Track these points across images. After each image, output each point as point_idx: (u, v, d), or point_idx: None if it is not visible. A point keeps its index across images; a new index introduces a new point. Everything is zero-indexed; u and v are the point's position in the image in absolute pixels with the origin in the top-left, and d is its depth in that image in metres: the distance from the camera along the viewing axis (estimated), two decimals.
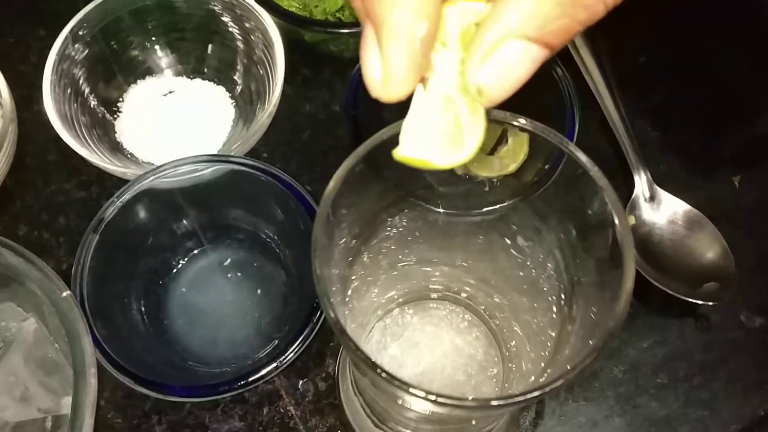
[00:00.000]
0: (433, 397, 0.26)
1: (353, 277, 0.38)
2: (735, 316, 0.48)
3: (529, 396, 0.25)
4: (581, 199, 0.30)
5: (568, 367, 0.25)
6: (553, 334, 0.33)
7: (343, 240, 0.35)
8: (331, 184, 0.29)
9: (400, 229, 0.38)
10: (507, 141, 0.50)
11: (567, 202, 0.32)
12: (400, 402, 0.35)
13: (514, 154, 0.50)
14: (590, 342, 0.27)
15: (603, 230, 0.28)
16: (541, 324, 0.35)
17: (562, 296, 0.32)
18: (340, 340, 0.27)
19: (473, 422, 0.35)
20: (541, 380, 0.34)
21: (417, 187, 0.51)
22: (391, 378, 0.25)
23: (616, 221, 0.27)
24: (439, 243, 0.40)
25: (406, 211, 0.38)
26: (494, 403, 0.26)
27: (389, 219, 0.37)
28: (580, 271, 0.31)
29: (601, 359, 0.46)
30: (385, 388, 0.31)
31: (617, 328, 0.25)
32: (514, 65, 0.24)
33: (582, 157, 0.29)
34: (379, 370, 0.25)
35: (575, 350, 0.29)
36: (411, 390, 0.26)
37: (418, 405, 0.33)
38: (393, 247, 0.39)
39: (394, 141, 0.30)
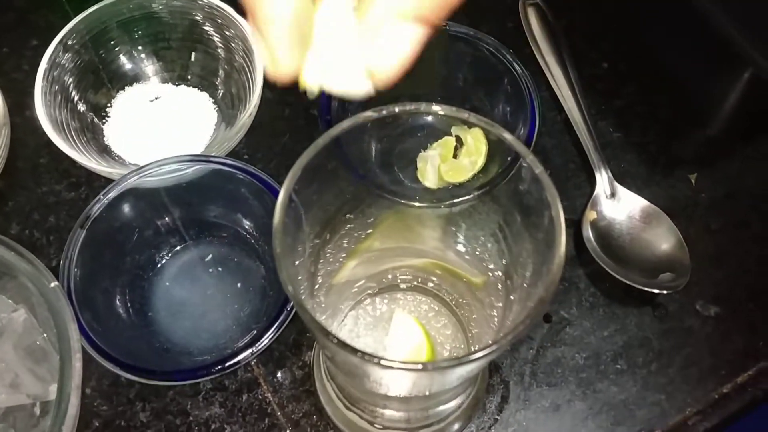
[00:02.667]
0: (386, 363, 0.28)
1: (320, 269, 0.40)
2: (691, 305, 0.50)
3: (472, 357, 0.28)
4: (524, 187, 0.33)
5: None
6: (500, 305, 0.35)
7: (308, 232, 0.37)
8: (292, 170, 0.32)
9: (366, 221, 0.41)
10: (465, 141, 0.53)
11: (512, 191, 0.34)
12: (367, 384, 0.37)
13: (476, 149, 0.53)
14: (528, 305, 0.29)
15: (541, 212, 0.30)
16: (491, 300, 0.37)
17: (506, 273, 0.35)
18: (300, 314, 0.29)
19: (427, 393, 0.37)
20: None
21: (380, 178, 0.54)
22: (344, 345, 0.28)
23: (551, 202, 0.29)
24: (404, 234, 0.43)
25: (369, 203, 0.40)
26: (443, 364, 0.28)
27: (354, 211, 0.40)
28: (522, 249, 0.33)
29: (564, 346, 0.49)
30: (343, 360, 0.33)
31: (549, 294, 0.28)
32: (398, 45, 0.26)
33: (519, 147, 0.31)
34: (331, 337, 0.28)
35: (516, 315, 0.32)
36: (365, 357, 0.28)
37: (383, 382, 0.35)
38: (358, 239, 0.41)
39: (354, 131, 0.33)
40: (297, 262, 0.35)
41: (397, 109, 0.34)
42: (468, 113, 0.33)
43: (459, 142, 0.54)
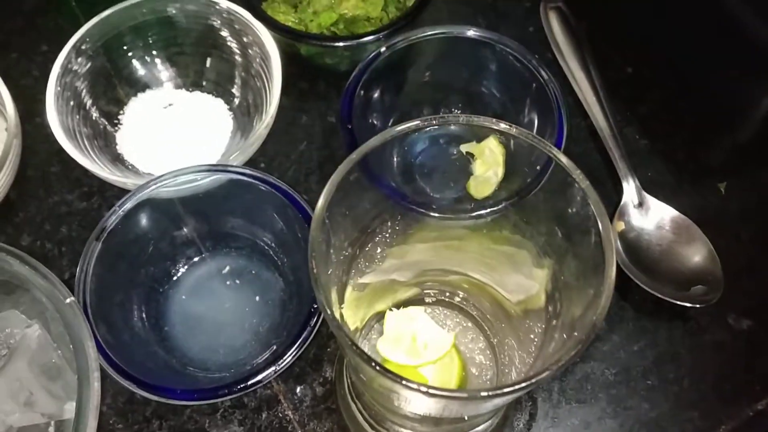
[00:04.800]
0: (425, 389, 0.27)
1: (350, 281, 0.39)
2: (723, 319, 0.49)
3: (516, 387, 0.26)
4: (566, 202, 0.31)
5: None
6: (540, 331, 0.34)
7: (339, 244, 0.36)
8: (327, 187, 0.30)
9: (395, 235, 0.39)
10: (482, 153, 0.51)
11: (553, 205, 0.33)
12: (396, 402, 0.36)
13: (494, 160, 0.52)
14: (574, 334, 0.28)
15: (586, 231, 0.29)
16: (528, 323, 0.36)
17: (549, 295, 0.33)
18: (336, 337, 0.28)
19: (465, 417, 0.35)
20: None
21: (410, 192, 0.52)
22: (385, 371, 0.26)
23: (598, 221, 0.28)
24: (433, 247, 0.42)
25: (399, 216, 0.39)
26: (483, 394, 0.27)
27: (384, 224, 0.38)
28: (566, 270, 0.32)
29: (593, 362, 0.48)
30: (381, 384, 0.32)
31: (600, 321, 0.26)
32: None
33: (564, 159, 0.30)
34: (373, 364, 0.26)
35: (560, 344, 0.30)
36: (404, 383, 0.27)
37: (414, 402, 0.34)
38: (387, 252, 0.40)
39: (385, 146, 0.32)
40: (329, 272, 0.34)
41: (434, 121, 0.33)
42: (509, 125, 0.31)
43: (471, 156, 0.53)
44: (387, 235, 0.39)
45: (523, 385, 0.26)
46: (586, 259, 0.29)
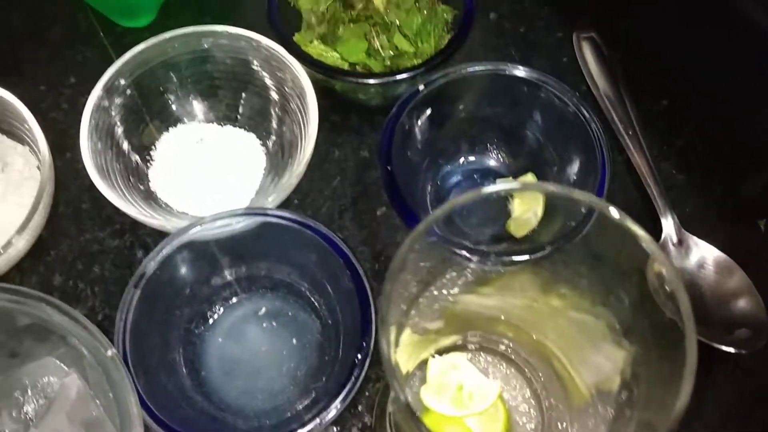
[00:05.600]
0: None
1: (408, 323, 0.39)
2: (766, 361, 0.48)
3: None
4: (633, 267, 0.31)
5: None
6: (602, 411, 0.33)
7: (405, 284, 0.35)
8: (397, 260, 0.29)
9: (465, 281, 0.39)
10: (521, 193, 0.51)
11: (616, 269, 0.32)
12: None
13: (534, 198, 0.51)
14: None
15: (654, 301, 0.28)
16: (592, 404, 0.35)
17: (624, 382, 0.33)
18: (391, 387, 0.27)
19: None
20: None
21: (446, 232, 0.51)
22: None
23: (677, 296, 0.27)
24: (502, 300, 0.41)
25: (453, 267, 0.38)
26: None
27: (441, 275, 0.38)
28: (641, 354, 0.31)
29: None
30: None
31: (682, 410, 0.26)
32: None
33: (637, 229, 0.29)
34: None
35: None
36: None
37: None
38: (456, 298, 0.39)
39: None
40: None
41: (492, 190, 0.32)
42: (561, 187, 0.31)
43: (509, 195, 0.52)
44: (452, 280, 0.39)
45: None
46: (661, 341, 0.28)
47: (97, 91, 0.48)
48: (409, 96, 0.48)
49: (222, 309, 0.49)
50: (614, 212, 0.29)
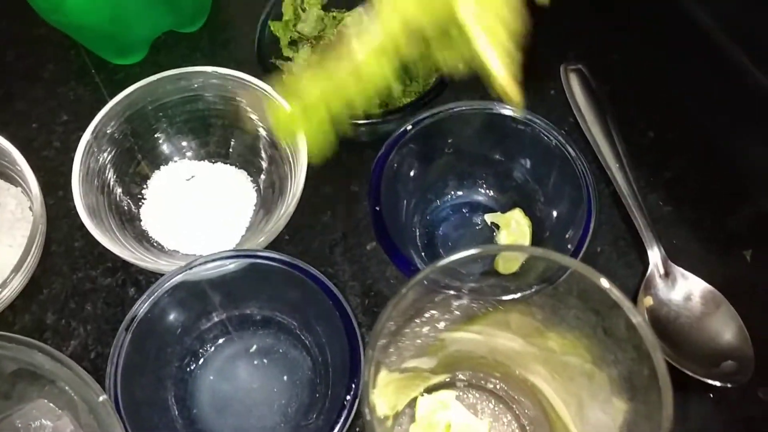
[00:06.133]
0: None
1: (384, 363, 0.39)
2: (753, 393, 0.48)
3: None
4: (609, 323, 0.31)
5: None
6: None
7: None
8: (378, 328, 0.30)
9: (450, 318, 0.39)
10: (507, 225, 0.51)
11: (598, 322, 0.33)
12: None
13: (521, 232, 0.51)
14: None
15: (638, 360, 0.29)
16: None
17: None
18: None
19: None
20: None
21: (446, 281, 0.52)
22: None
23: (653, 356, 0.28)
24: (489, 338, 0.42)
25: (439, 304, 0.39)
26: None
27: (425, 311, 0.38)
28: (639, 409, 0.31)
29: None
30: None
31: None
32: None
33: (616, 295, 0.30)
34: None
35: None
36: None
37: None
38: (440, 335, 0.40)
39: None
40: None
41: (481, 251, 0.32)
42: (548, 252, 0.31)
43: (495, 226, 0.53)
44: (440, 316, 0.39)
45: None
46: (638, 397, 0.29)
47: (87, 134, 0.49)
48: (397, 136, 0.49)
49: (213, 347, 0.49)
50: (604, 282, 0.30)
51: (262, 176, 0.53)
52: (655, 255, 0.52)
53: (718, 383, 0.46)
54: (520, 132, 0.50)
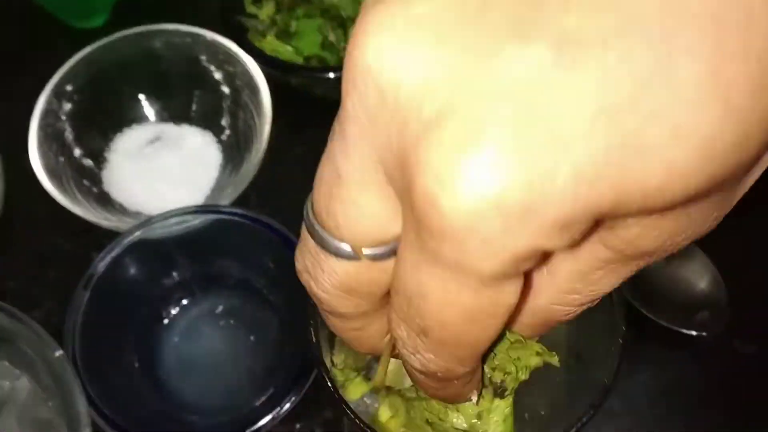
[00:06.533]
0: None
1: None
2: (729, 344, 0.48)
3: None
4: None
5: None
6: None
7: None
8: None
9: None
10: None
11: None
12: None
13: None
14: None
15: None
16: None
17: None
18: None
19: None
20: None
21: None
22: None
23: None
24: None
25: None
26: None
27: None
28: None
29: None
30: None
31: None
32: None
33: None
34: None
35: None
36: None
37: None
38: None
39: None
40: None
41: None
42: None
43: None
44: None
45: None
46: None
47: (45, 94, 0.48)
48: None
49: (178, 309, 0.48)
50: None
51: (226, 134, 0.52)
52: None
53: (693, 332, 0.46)
54: None
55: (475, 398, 0.22)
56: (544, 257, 0.18)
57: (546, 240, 0.16)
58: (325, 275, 0.20)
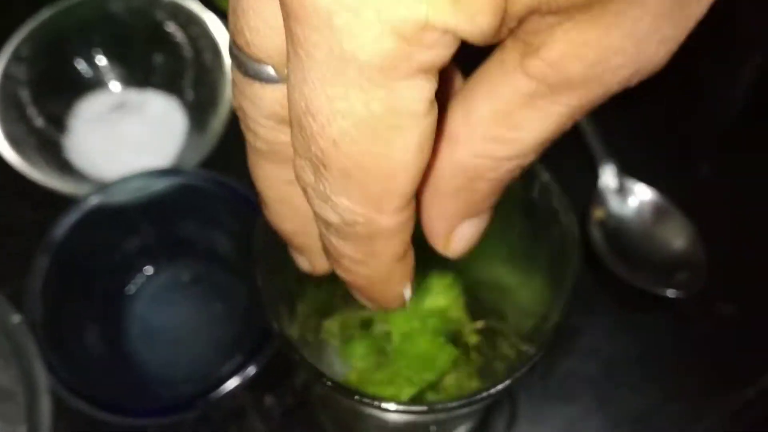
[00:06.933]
0: (386, 406, 0.24)
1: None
2: (708, 306, 0.47)
3: (485, 394, 0.24)
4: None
5: None
6: None
7: None
8: None
9: None
10: None
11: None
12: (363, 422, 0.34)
13: None
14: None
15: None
16: None
17: None
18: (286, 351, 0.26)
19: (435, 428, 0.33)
20: None
21: None
22: (337, 386, 0.24)
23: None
24: None
25: None
26: (452, 404, 0.25)
27: None
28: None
29: (575, 357, 0.45)
30: (338, 401, 0.29)
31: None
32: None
33: None
34: (324, 379, 0.24)
35: None
36: (357, 398, 0.25)
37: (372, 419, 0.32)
38: None
39: None
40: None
41: None
42: None
43: None
44: None
45: (494, 391, 0.24)
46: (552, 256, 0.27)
47: (2, 60, 0.47)
48: None
49: (143, 278, 0.47)
50: None
51: (190, 96, 0.51)
52: (606, 168, 0.50)
53: (670, 294, 0.45)
54: None
55: (408, 293, 0.20)
56: (450, 77, 0.18)
57: (432, 8, 0.13)
58: (254, 105, 0.19)
